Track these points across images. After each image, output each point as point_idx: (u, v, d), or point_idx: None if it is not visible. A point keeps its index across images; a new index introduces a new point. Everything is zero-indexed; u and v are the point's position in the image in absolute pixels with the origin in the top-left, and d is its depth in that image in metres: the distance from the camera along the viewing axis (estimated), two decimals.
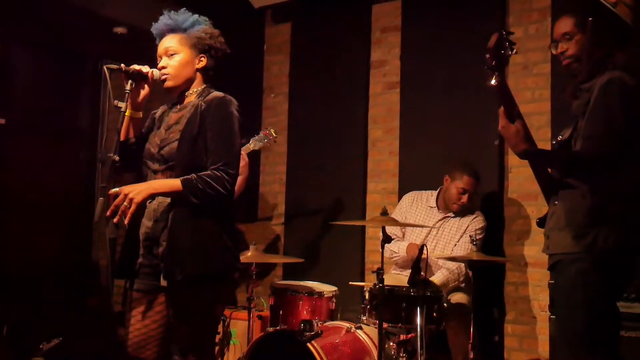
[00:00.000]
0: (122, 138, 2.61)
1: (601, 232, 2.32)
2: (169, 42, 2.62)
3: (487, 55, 2.33)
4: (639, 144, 2.38)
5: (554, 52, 2.58)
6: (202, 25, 2.65)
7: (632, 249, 2.38)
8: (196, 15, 2.67)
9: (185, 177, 2.45)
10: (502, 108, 2.39)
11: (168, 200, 2.51)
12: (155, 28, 2.68)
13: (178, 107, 2.68)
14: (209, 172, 2.46)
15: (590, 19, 2.43)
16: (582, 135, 2.40)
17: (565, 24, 2.53)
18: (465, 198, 4.06)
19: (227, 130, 2.54)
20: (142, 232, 2.57)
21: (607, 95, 2.35)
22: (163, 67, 2.61)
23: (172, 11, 2.66)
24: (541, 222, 2.63)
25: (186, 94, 2.67)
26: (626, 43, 2.48)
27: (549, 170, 2.58)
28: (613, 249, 2.32)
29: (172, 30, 2.63)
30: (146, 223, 2.56)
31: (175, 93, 2.69)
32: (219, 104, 2.56)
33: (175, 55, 2.61)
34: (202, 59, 2.64)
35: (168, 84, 2.63)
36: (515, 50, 2.34)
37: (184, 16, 2.64)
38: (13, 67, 5.42)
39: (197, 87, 2.66)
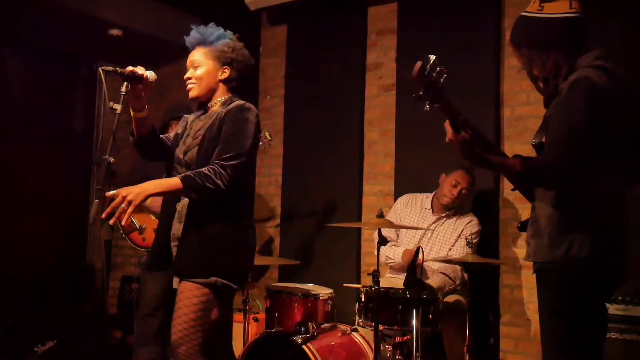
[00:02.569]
0: (136, 137, 2.81)
1: (575, 240, 2.26)
2: (195, 55, 2.79)
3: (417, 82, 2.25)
4: (610, 146, 2.29)
5: (536, 86, 2.52)
6: (226, 39, 2.81)
7: (609, 255, 2.30)
8: (222, 30, 2.82)
9: (184, 174, 2.53)
10: (446, 121, 2.32)
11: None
12: (187, 41, 2.84)
13: (203, 114, 2.82)
14: (207, 167, 2.53)
15: (525, 49, 2.40)
16: (546, 140, 2.32)
17: (516, 56, 2.50)
18: (456, 192, 4.05)
19: (236, 131, 2.63)
20: (171, 234, 2.71)
21: (571, 97, 2.24)
22: (188, 78, 2.78)
23: (202, 25, 2.82)
24: (522, 227, 2.59)
25: (210, 104, 2.81)
26: (570, 39, 2.37)
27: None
28: (588, 257, 2.25)
29: (200, 43, 2.79)
30: (174, 224, 2.70)
31: (201, 101, 2.83)
32: (237, 110, 2.68)
33: (199, 67, 2.76)
34: (225, 70, 2.79)
35: (192, 93, 2.79)
36: (445, 75, 2.26)
37: (210, 30, 2.80)
38: (7, 70, 5.42)
39: (221, 96, 2.80)
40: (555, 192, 2.31)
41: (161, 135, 2.92)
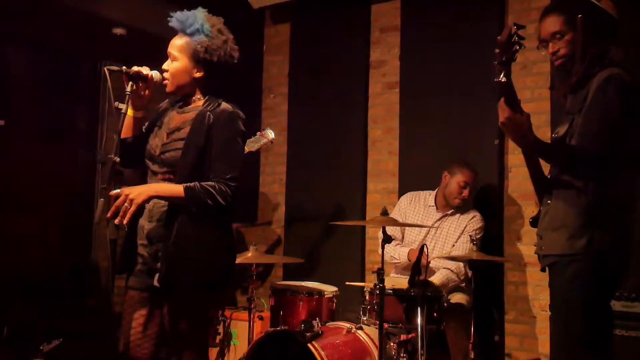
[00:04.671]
0: (122, 136, 2.61)
1: (596, 233, 2.29)
2: (173, 45, 2.59)
3: (497, 50, 2.23)
4: (636, 143, 2.35)
5: (543, 52, 2.51)
6: (201, 36, 2.54)
7: (626, 249, 2.36)
8: (201, 22, 2.56)
9: (188, 184, 2.44)
10: (502, 100, 2.28)
11: (162, 201, 2.52)
12: (171, 25, 2.63)
13: (181, 107, 2.67)
14: (212, 182, 2.46)
15: (579, 16, 2.35)
16: (578, 132, 2.34)
17: (554, 23, 2.45)
18: (466, 192, 4.08)
19: (233, 146, 2.55)
20: (139, 233, 2.59)
21: (606, 91, 2.30)
22: (165, 70, 2.61)
23: (185, 10, 2.60)
24: (534, 222, 2.58)
25: (192, 98, 2.65)
26: (616, 37, 2.43)
27: (548, 166, 2.55)
28: (608, 250, 2.29)
29: (180, 31, 2.59)
30: (142, 223, 2.58)
31: (179, 95, 2.68)
32: (228, 119, 2.55)
33: (174, 62, 2.59)
34: (201, 69, 2.59)
35: (167, 88, 2.63)
36: (523, 46, 2.24)
37: (190, 20, 2.56)
38: (12, 68, 5.42)
39: (200, 95, 2.64)
40: (578, 184, 2.33)
41: None
